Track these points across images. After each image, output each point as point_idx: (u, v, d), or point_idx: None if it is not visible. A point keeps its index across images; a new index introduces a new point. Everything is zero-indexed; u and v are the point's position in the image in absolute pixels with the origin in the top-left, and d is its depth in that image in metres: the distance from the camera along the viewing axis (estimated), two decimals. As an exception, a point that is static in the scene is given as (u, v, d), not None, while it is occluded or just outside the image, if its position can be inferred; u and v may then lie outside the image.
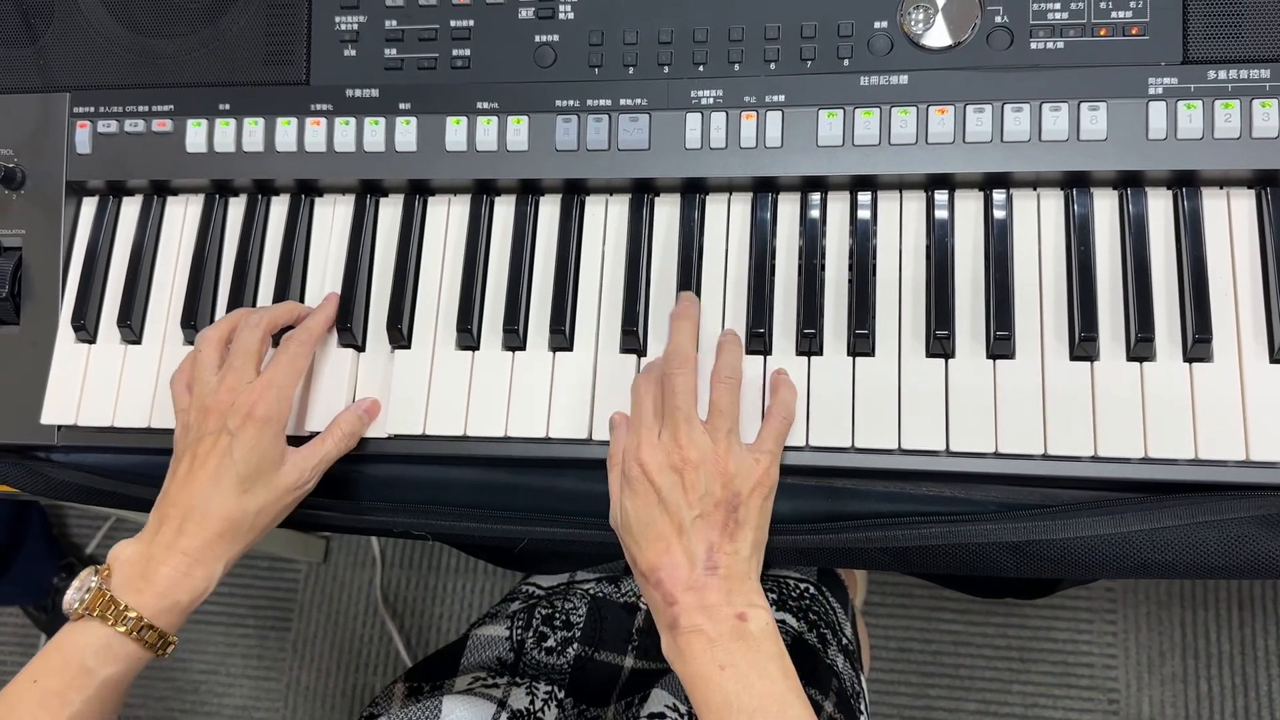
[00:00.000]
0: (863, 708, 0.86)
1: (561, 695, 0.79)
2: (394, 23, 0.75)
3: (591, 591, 0.87)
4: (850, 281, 0.69)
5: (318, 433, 0.72)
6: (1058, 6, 0.68)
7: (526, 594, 0.91)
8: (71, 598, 0.63)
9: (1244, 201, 0.67)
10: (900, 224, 0.70)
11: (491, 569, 1.69)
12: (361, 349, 0.74)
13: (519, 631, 0.84)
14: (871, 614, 1.57)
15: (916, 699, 1.55)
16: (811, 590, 0.91)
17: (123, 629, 0.62)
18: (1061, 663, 1.52)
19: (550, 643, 0.83)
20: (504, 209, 0.75)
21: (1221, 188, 0.67)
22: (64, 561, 1.69)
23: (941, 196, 0.69)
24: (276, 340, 0.72)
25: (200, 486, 0.65)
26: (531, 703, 0.76)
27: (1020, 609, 1.54)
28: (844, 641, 0.89)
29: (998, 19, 0.68)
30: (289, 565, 1.75)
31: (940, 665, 1.55)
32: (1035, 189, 0.69)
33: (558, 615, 0.85)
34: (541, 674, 0.81)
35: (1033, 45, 0.68)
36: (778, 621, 0.84)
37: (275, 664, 1.72)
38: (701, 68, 0.71)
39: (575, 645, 0.83)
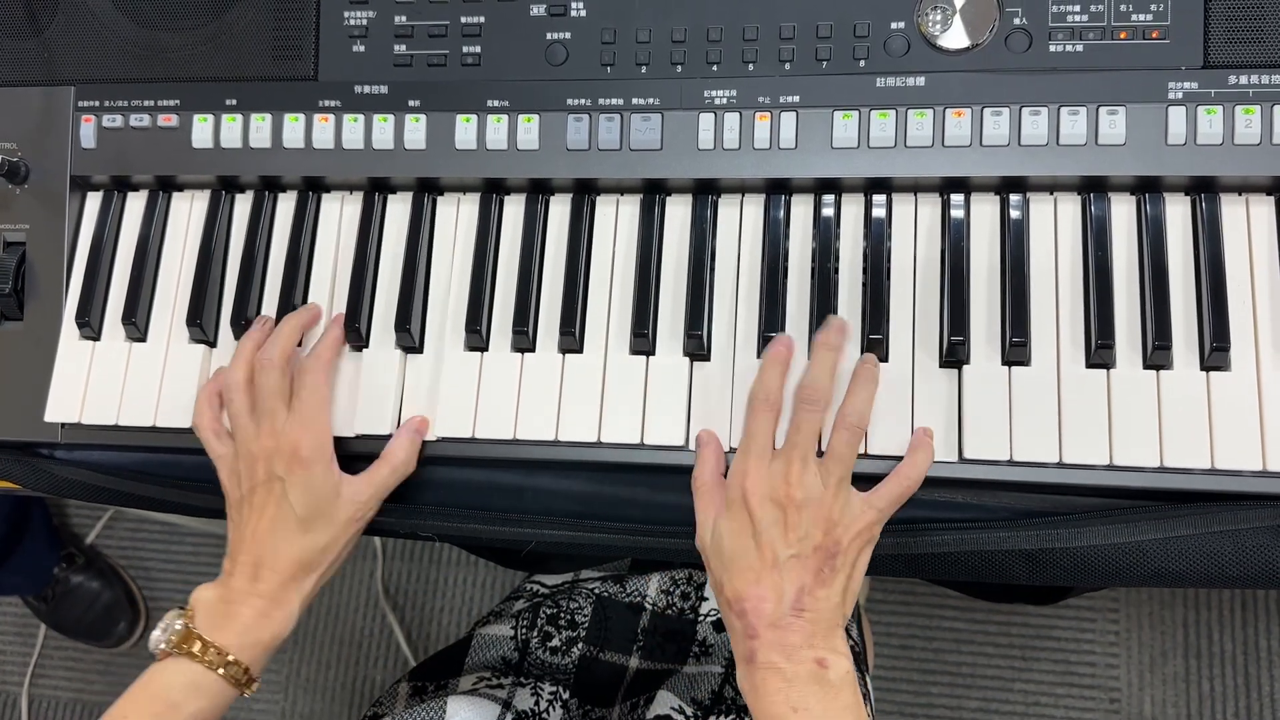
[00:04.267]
0: (869, 709, 0.85)
1: (566, 696, 0.78)
2: (404, 18, 0.74)
3: (596, 591, 0.87)
4: (864, 285, 0.69)
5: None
6: (1077, 9, 0.67)
7: (531, 593, 0.90)
8: (158, 637, 0.65)
9: (1263, 208, 0.66)
10: (915, 227, 0.69)
11: (493, 563, 1.69)
12: (366, 348, 0.73)
13: (523, 631, 0.84)
14: (873, 611, 1.57)
15: (918, 696, 1.55)
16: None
17: (209, 665, 0.64)
18: (1063, 661, 1.52)
19: (555, 642, 0.83)
20: (514, 208, 0.74)
21: (1240, 194, 0.67)
22: (64, 552, 1.69)
23: (957, 200, 0.69)
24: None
25: (265, 535, 0.67)
26: (536, 703, 0.76)
27: (1023, 607, 1.54)
28: (850, 642, 0.89)
29: (1016, 21, 0.68)
30: (290, 557, 1.74)
31: (942, 663, 1.55)
32: (1052, 193, 0.68)
33: (563, 615, 0.85)
34: (546, 674, 0.81)
35: (1051, 48, 0.67)
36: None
37: (275, 656, 1.72)
38: (715, 67, 0.71)
39: (580, 645, 0.83)
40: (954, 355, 0.66)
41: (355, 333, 0.73)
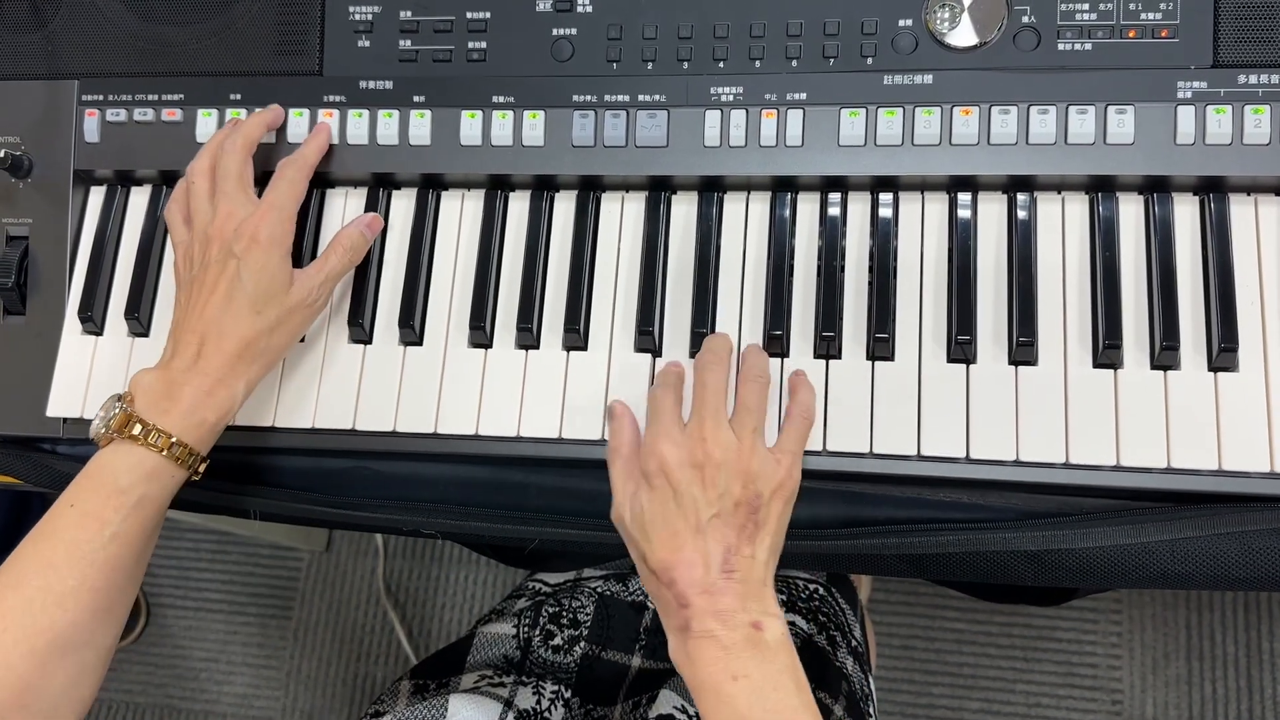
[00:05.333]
0: (871, 710, 0.85)
1: (568, 694, 0.78)
2: (409, 13, 0.74)
3: (599, 590, 0.87)
4: (870, 284, 0.68)
5: (323, 430, 0.71)
6: (1086, 7, 0.67)
7: (533, 591, 0.90)
8: (97, 423, 0.63)
9: (1272, 208, 0.66)
10: (922, 226, 0.69)
11: (495, 561, 1.68)
12: (370, 344, 0.73)
13: (525, 630, 0.84)
14: (875, 611, 1.56)
15: (920, 697, 1.54)
16: (821, 591, 0.90)
17: (153, 447, 0.62)
18: (1065, 663, 1.52)
19: (557, 641, 0.83)
20: (519, 205, 0.74)
21: (1249, 194, 0.66)
22: (65, 547, 1.69)
23: (965, 199, 0.69)
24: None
25: (213, 311, 0.65)
26: (538, 702, 0.76)
27: (1025, 608, 1.54)
28: (853, 643, 0.89)
29: (1025, 19, 0.67)
30: (291, 553, 1.74)
31: (944, 664, 1.55)
32: (1060, 193, 0.68)
33: (565, 613, 0.85)
34: (548, 673, 0.81)
35: (1060, 46, 0.67)
36: (787, 623, 0.84)
37: (276, 652, 1.72)
38: (722, 64, 0.70)
39: (582, 644, 0.82)
40: (960, 355, 0.66)
41: (359, 328, 0.73)
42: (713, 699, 0.57)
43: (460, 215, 0.74)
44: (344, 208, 0.76)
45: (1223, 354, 0.63)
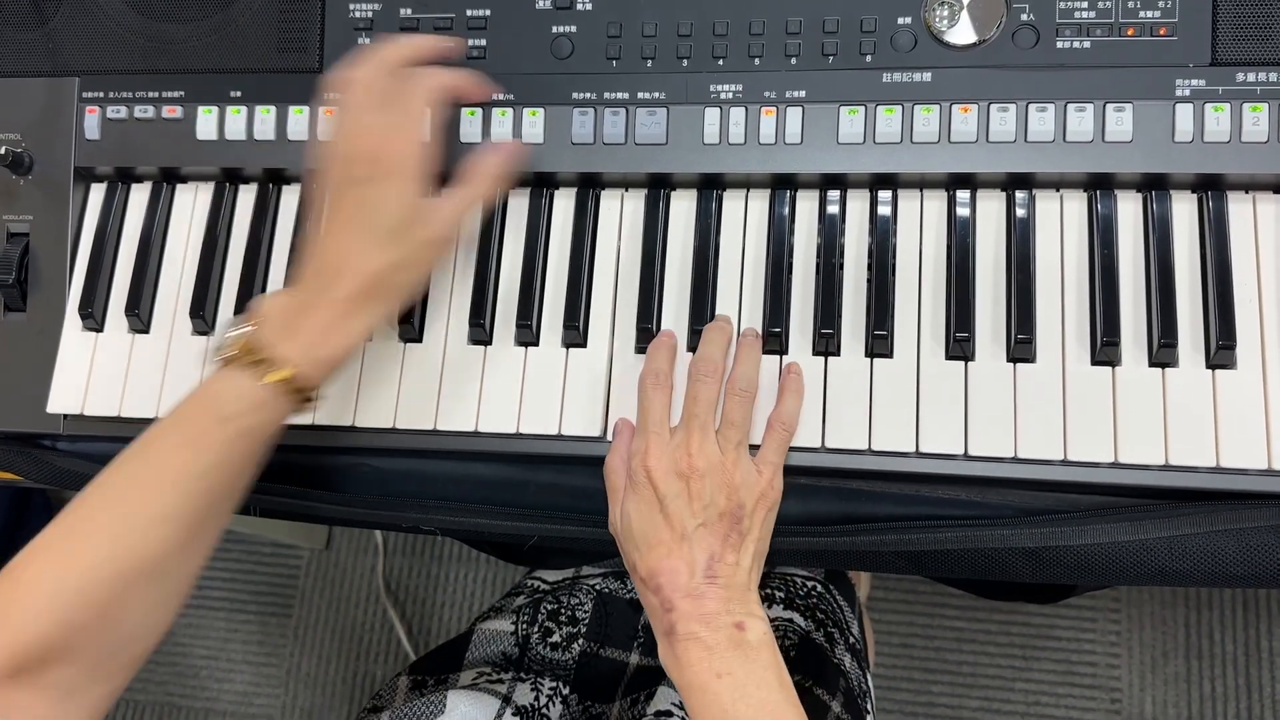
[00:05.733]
0: (869, 707, 0.85)
1: (566, 691, 0.78)
2: (409, 10, 0.74)
3: (597, 587, 0.87)
4: (869, 281, 0.68)
5: (323, 427, 0.71)
6: (1085, 5, 0.67)
7: (531, 589, 0.90)
8: (217, 345, 0.61)
9: (1270, 206, 0.66)
10: (921, 223, 0.69)
11: (495, 558, 1.69)
12: (369, 339, 0.73)
13: (524, 627, 0.84)
14: (874, 609, 1.57)
15: (919, 695, 1.54)
16: (819, 588, 0.90)
17: (268, 376, 0.60)
18: (1064, 661, 1.52)
19: (555, 638, 0.83)
20: (518, 202, 0.74)
21: (1247, 192, 0.66)
22: (65, 544, 1.69)
23: (963, 196, 0.69)
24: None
25: (344, 239, 0.63)
26: (536, 699, 0.76)
27: (1024, 606, 1.54)
28: (851, 640, 0.89)
29: (1024, 17, 0.67)
30: (291, 551, 1.74)
31: (943, 662, 1.55)
32: (1058, 190, 0.68)
33: (563, 611, 0.85)
34: (546, 670, 0.81)
35: (1059, 44, 0.67)
36: (785, 620, 0.84)
37: (276, 650, 1.72)
38: (721, 62, 0.70)
39: (581, 641, 0.83)
40: (959, 352, 0.66)
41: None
42: (699, 697, 0.59)
43: (460, 212, 0.75)
44: (344, 205, 0.76)
45: (1220, 351, 0.63)
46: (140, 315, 0.75)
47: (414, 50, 0.68)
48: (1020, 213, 0.68)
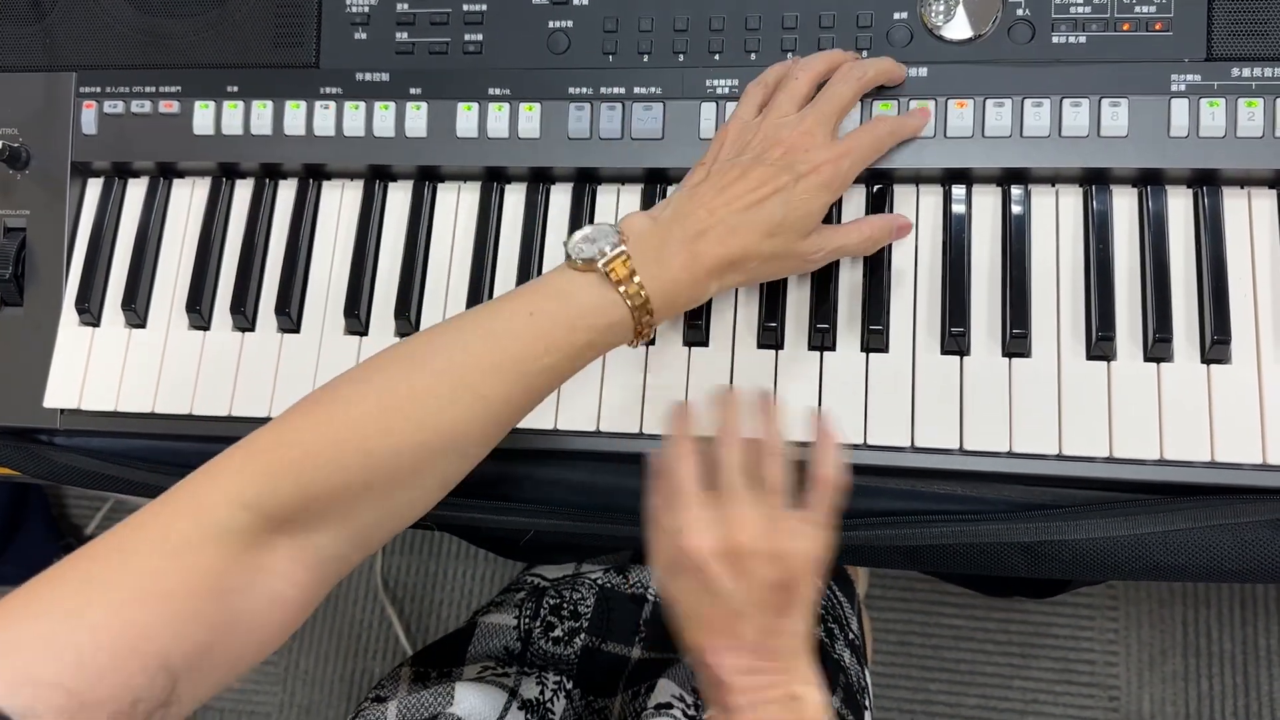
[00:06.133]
0: (867, 703, 0.85)
1: (569, 685, 0.78)
2: (405, 6, 0.74)
3: (599, 582, 0.87)
4: (864, 276, 0.68)
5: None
6: (1080, 1, 0.67)
7: (532, 584, 0.90)
8: (591, 250, 0.59)
9: (1265, 201, 0.66)
10: (916, 219, 0.69)
11: (493, 556, 1.69)
12: (366, 335, 0.73)
13: (526, 621, 0.84)
14: (873, 606, 1.57)
15: (917, 693, 1.55)
16: (818, 584, 0.90)
17: (628, 298, 0.58)
18: (1062, 659, 1.52)
19: (557, 633, 0.83)
20: (515, 197, 0.74)
21: (1243, 187, 0.66)
22: (63, 542, 1.69)
23: (959, 191, 0.69)
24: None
25: (738, 207, 0.60)
26: (541, 692, 0.76)
27: (1022, 604, 1.54)
28: (850, 636, 0.89)
29: (1019, 12, 0.67)
30: (289, 549, 1.74)
31: (941, 659, 1.55)
32: (1054, 185, 0.68)
33: (565, 605, 0.85)
34: (549, 664, 0.81)
35: (1054, 39, 0.67)
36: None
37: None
38: (717, 56, 0.70)
39: (583, 636, 0.83)
40: (955, 347, 0.66)
41: (355, 319, 0.73)
42: None
43: (457, 208, 0.75)
44: (340, 200, 0.76)
45: (1215, 346, 0.63)
46: (137, 309, 0.75)
47: (869, 79, 0.66)
48: (1016, 208, 0.68)
